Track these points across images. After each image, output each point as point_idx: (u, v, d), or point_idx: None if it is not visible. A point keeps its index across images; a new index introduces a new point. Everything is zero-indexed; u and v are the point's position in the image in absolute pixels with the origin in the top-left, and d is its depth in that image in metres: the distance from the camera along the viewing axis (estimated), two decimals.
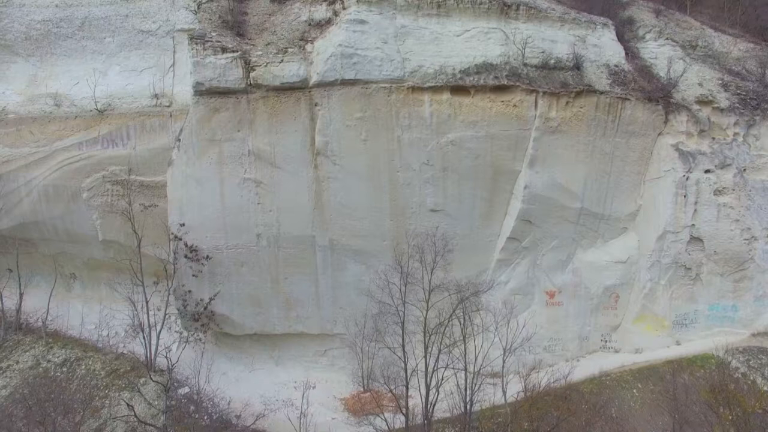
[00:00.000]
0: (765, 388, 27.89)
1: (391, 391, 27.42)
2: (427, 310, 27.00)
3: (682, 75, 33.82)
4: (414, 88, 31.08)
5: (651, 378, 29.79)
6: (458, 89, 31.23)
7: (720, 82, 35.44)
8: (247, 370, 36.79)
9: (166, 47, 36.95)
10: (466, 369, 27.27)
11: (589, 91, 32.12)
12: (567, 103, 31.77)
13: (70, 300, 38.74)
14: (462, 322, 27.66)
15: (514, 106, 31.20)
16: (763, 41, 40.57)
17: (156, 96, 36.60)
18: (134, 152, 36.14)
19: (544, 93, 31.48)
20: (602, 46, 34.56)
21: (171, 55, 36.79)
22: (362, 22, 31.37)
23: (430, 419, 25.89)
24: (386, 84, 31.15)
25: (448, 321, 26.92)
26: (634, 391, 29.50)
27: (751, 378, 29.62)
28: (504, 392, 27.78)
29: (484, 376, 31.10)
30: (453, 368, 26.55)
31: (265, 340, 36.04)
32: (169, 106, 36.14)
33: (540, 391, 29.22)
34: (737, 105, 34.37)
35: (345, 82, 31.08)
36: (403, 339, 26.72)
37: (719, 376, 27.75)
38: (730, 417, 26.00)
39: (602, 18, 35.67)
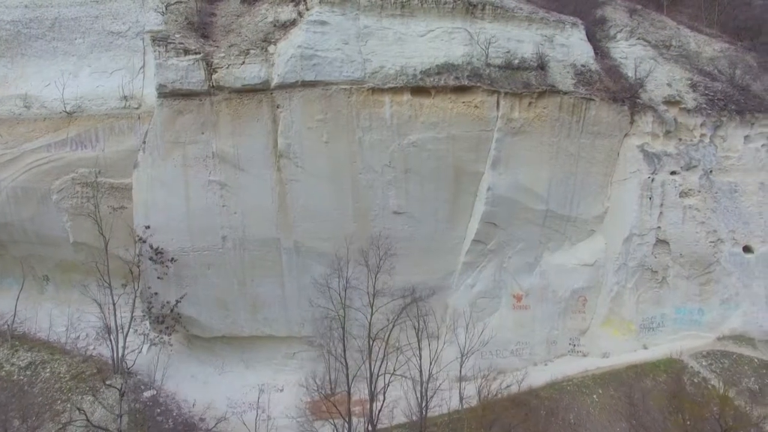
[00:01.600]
0: (723, 393, 27.34)
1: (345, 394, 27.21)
2: (371, 315, 26.72)
3: (648, 75, 33.35)
4: (374, 90, 30.82)
5: (612, 383, 29.44)
6: (419, 90, 30.92)
7: (689, 82, 34.99)
8: (217, 373, 36.60)
9: (136, 49, 36.85)
10: (421, 374, 26.86)
11: (553, 91, 31.72)
12: (530, 103, 31.39)
13: (43, 302, 38.71)
14: (417, 326, 27.20)
15: (476, 106, 30.85)
16: (739, 41, 39.96)
17: (125, 98, 36.50)
18: (103, 154, 36.06)
19: (506, 93, 31.12)
20: (570, 46, 34.16)
21: (141, 56, 36.70)
22: (323, 23, 31.15)
23: (375, 425, 25.53)
24: (346, 85, 30.88)
25: (393, 325, 26.50)
26: (594, 396, 29.12)
27: (711, 383, 29.18)
28: (461, 397, 27.40)
29: (451, 381, 30.88)
30: (401, 375, 26.11)
31: (234, 342, 35.85)
32: (137, 108, 36.03)
33: (502, 396, 28.83)
34: (704, 106, 33.90)
35: (305, 84, 30.85)
36: (344, 344, 26.50)
37: (677, 382, 27.30)
38: (688, 422, 25.59)
39: (572, 18, 35.27)
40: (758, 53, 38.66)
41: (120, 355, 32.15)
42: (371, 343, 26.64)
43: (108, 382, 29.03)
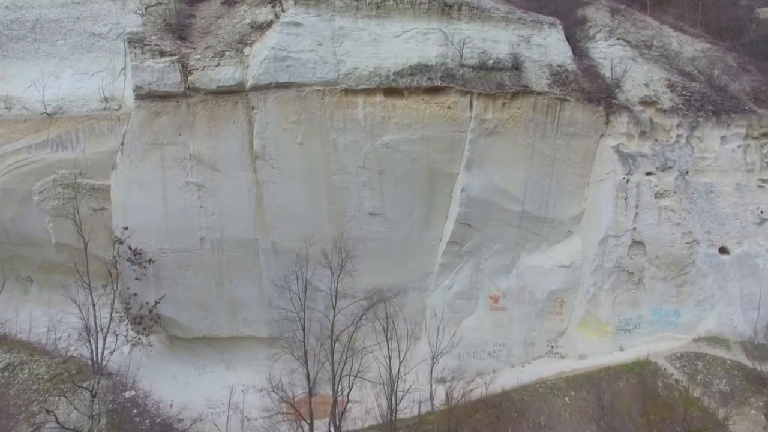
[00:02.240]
0: (687, 394, 27.25)
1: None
2: (333, 317, 26.76)
3: (623, 76, 33.20)
4: (347, 91, 30.85)
5: (584, 385, 29.31)
6: (392, 91, 30.93)
7: (667, 82, 34.82)
8: (197, 373, 36.67)
9: (117, 50, 36.95)
10: (391, 375, 26.87)
11: (526, 91, 31.68)
12: (503, 104, 31.35)
13: (25, 303, 38.84)
14: (386, 328, 27.23)
15: (449, 107, 30.83)
16: (721, 42, 39.75)
17: (106, 99, 36.62)
18: (83, 155, 36.21)
19: (479, 94, 31.08)
20: (548, 46, 34.11)
21: (122, 58, 36.79)
22: (297, 24, 31.20)
23: (338, 426, 25.57)
24: (320, 87, 30.92)
25: (355, 327, 26.52)
26: (566, 398, 29.01)
27: (683, 384, 29.05)
28: (431, 399, 27.39)
29: (430, 382, 30.85)
30: (364, 378, 26.16)
31: (216, 343, 35.94)
32: (118, 110, 36.14)
33: (474, 398, 28.80)
34: (681, 106, 33.75)
35: (279, 85, 30.90)
36: (305, 345, 26.55)
37: (649, 384, 27.22)
38: (658, 424, 25.52)
39: (550, 18, 35.21)
40: (739, 53, 38.37)
41: (99, 356, 32.07)
42: (333, 344, 26.58)
43: (80, 384, 28.97)
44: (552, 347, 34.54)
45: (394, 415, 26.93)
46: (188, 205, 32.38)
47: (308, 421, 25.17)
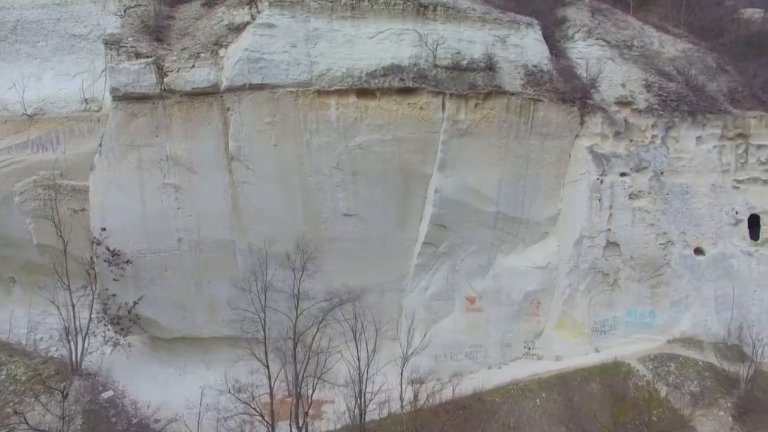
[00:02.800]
0: (665, 395, 27.19)
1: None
2: (296, 318, 26.86)
3: (598, 76, 33.08)
4: (320, 92, 30.88)
5: (557, 387, 29.23)
6: (364, 92, 30.91)
7: (644, 83, 34.67)
8: (178, 374, 36.76)
9: (98, 52, 36.99)
10: (360, 376, 26.93)
11: (499, 92, 31.58)
12: (476, 104, 31.29)
13: (8, 304, 38.98)
14: (354, 328, 27.29)
15: (421, 108, 30.79)
16: (703, 42, 39.60)
17: (86, 101, 36.75)
18: (64, 156, 36.39)
19: (452, 95, 31.02)
20: (524, 47, 34.02)
21: (103, 60, 36.69)
22: (271, 26, 31.26)
23: (300, 427, 25.65)
24: (293, 88, 30.97)
25: (317, 330, 26.62)
26: (537, 400, 28.96)
27: (654, 386, 28.97)
28: (401, 400, 27.41)
29: (406, 383, 30.87)
30: (318, 377, 26.30)
31: (196, 343, 36.05)
32: (98, 111, 36.26)
33: (446, 399, 28.80)
34: (657, 106, 33.57)
35: (253, 87, 30.95)
36: (266, 346, 26.64)
37: (620, 385, 27.18)
38: (628, 425, 25.48)
39: (527, 18, 35.10)
40: (719, 54, 38.20)
41: (78, 356, 32.22)
42: (295, 345, 26.70)
43: (51, 385, 29.07)
44: (529, 349, 34.46)
45: (362, 416, 26.88)
46: (166, 206, 32.48)
47: (269, 422, 25.13)
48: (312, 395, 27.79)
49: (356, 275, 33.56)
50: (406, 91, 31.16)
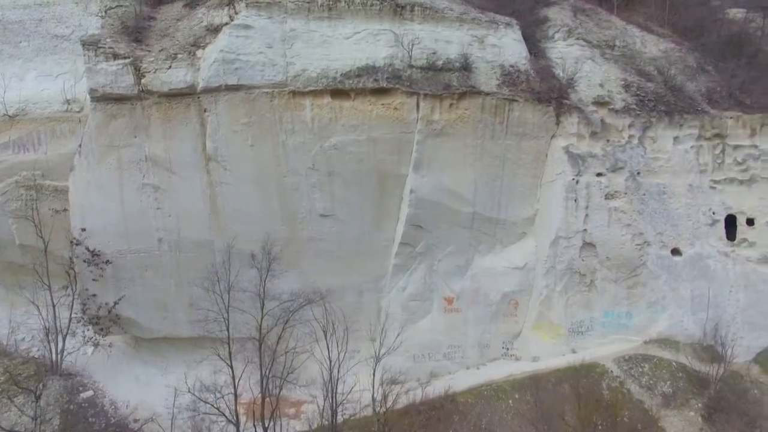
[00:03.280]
0: (638, 397, 27.14)
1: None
2: (261, 317, 26.96)
3: (574, 76, 32.95)
4: (295, 93, 30.90)
5: (531, 388, 29.19)
6: (339, 93, 30.90)
7: (623, 82, 34.55)
8: (159, 374, 36.81)
9: (80, 53, 36.76)
10: (331, 377, 26.97)
11: (474, 92, 31.51)
12: (451, 105, 31.24)
13: None
14: (325, 329, 27.35)
15: (395, 108, 30.78)
16: (686, 41, 39.46)
17: (68, 101, 36.86)
18: (45, 157, 36.47)
19: (426, 95, 30.96)
20: (502, 47, 33.95)
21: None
22: (247, 27, 31.29)
23: (266, 427, 25.74)
24: (269, 89, 31.00)
25: (282, 330, 26.72)
26: (510, 401, 28.94)
27: (627, 387, 28.91)
28: (373, 401, 27.44)
29: (384, 384, 30.88)
30: (284, 378, 26.37)
31: (178, 343, 36.12)
32: (79, 112, 36.36)
33: (417, 400, 28.83)
34: (634, 106, 33.45)
35: (229, 88, 31.00)
36: (229, 347, 26.73)
37: (594, 386, 27.14)
38: (599, 426, 25.47)
39: (506, 18, 35.02)
40: (700, 53, 38.05)
41: (58, 357, 32.33)
42: (261, 345, 26.79)
43: (22, 386, 29.14)
44: (507, 349, 34.41)
45: (334, 416, 26.95)
46: (145, 206, 32.58)
47: (235, 422, 25.23)
48: (279, 395, 27.79)
49: (334, 275, 33.62)
50: (380, 92, 31.12)
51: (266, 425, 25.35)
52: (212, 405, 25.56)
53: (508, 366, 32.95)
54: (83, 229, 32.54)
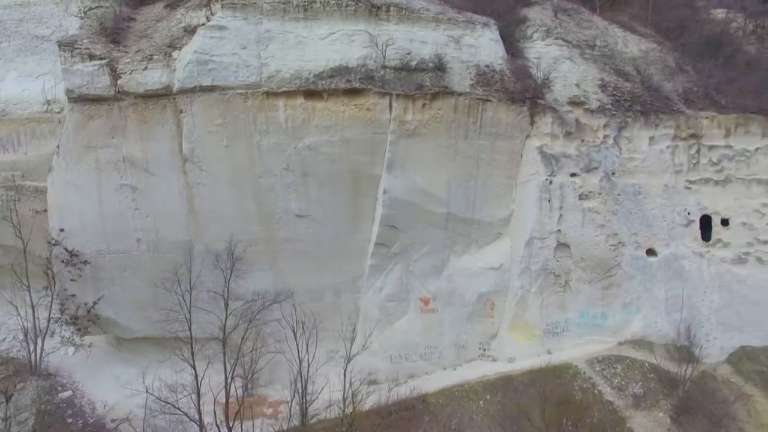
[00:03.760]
0: (608, 398, 27.12)
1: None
2: (225, 318, 27.07)
3: (550, 75, 32.90)
4: (269, 94, 30.93)
5: (502, 389, 29.19)
6: (312, 93, 30.94)
7: (600, 82, 34.45)
8: (140, 374, 36.84)
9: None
10: (301, 377, 27.02)
11: (447, 92, 31.49)
12: (423, 105, 31.23)
13: None
14: (294, 329, 27.41)
15: (368, 109, 30.79)
16: (668, 41, 39.36)
17: (48, 102, 37.01)
18: (26, 158, 36.65)
19: (398, 95, 30.95)
20: (479, 47, 33.92)
21: None
22: (221, 28, 31.36)
23: (230, 427, 25.82)
24: (242, 90, 31.06)
25: (245, 331, 26.85)
26: (481, 402, 28.93)
27: (598, 388, 28.88)
28: (344, 401, 27.48)
29: (362, 384, 30.97)
30: (241, 376, 26.43)
31: (160, 342, 36.17)
32: (59, 113, 36.50)
33: (389, 401, 28.87)
34: (609, 106, 33.35)
35: (204, 89, 31.09)
36: (192, 347, 26.85)
37: (565, 388, 27.15)
38: (569, 427, 25.48)
39: (484, 18, 35.00)
40: (680, 53, 37.94)
41: (37, 357, 32.44)
42: (224, 345, 26.91)
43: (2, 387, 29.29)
44: (484, 350, 34.34)
45: (304, 416, 27.03)
46: (123, 207, 32.68)
47: (198, 422, 25.35)
48: (259, 395, 27.90)
49: (311, 276, 33.71)
50: (352, 92, 31.14)
51: (230, 425, 25.28)
52: (173, 405, 25.45)
53: (484, 367, 32.89)
54: (61, 230, 32.64)
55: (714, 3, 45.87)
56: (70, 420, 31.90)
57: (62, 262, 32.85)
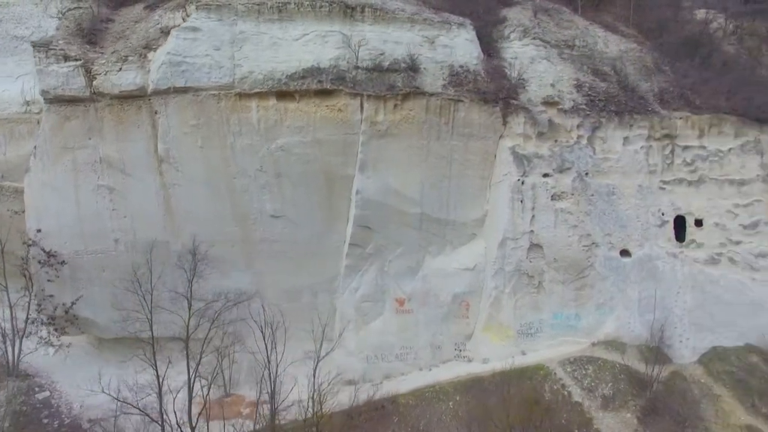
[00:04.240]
0: (577, 399, 27.10)
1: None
2: (189, 318, 27.19)
3: (523, 75, 32.87)
4: (242, 95, 31.00)
5: (473, 390, 29.15)
6: (284, 94, 30.99)
7: (576, 82, 34.36)
8: (120, 374, 36.97)
9: None
10: (270, 378, 27.10)
11: (418, 93, 31.47)
12: (395, 105, 31.24)
13: None
14: (263, 330, 27.48)
15: (339, 110, 30.82)
16: (649, 41, 39.29)
17: (27, 103, 37.18)
18: (4, 158, 36.87)
19: (369, 96, 30.95)
20: (454, 47, 33.91)
21: None
22: (195, 29, 31.43)
23: (193, 427, 25.93)
24: (215, 91, 31.14)
25: (208, 331, 26.92)
26: (450, 403, 28.92)
27: (568, 389, 28.87)
28: (314, 401, 27.53)
29: (340, 384, 31.04)
30: (213, 378, 26.58)
31: (142, 343, 36.20)
32: (38, 113, 36.65)
33: (364, 401, 28.95)
34: (583, 106, 33.24)
35: (178, 90, 31.17)
36: (153, 347, 26.99)
37: (536, 389, 27.16)
38: (537, 429, 25.48)
39: (459, 18, 34.98)
40: (660, 53, 37.84)
41: (15, 357, 32.56)
42: (187, 345, 27.02)
43: None
44: (460, 351, 34.30)
45: (273, 416, 27.12)
46: (100, 207, 32.79)
47: (159, 422, 25.48)
48: (237, 395, 28.00)
49: (288, 276, 33.82)
50: (324, 93, 31.17)
51: (194, 424, 25.44)
52: (133, 405, 25.58)
53: (459, 368, 32.86)
54: (39, 230, 32.77)
55: (699, 3, 45.65)
56: (45, 421, 31.97)
57: (39, 262, 32.95)
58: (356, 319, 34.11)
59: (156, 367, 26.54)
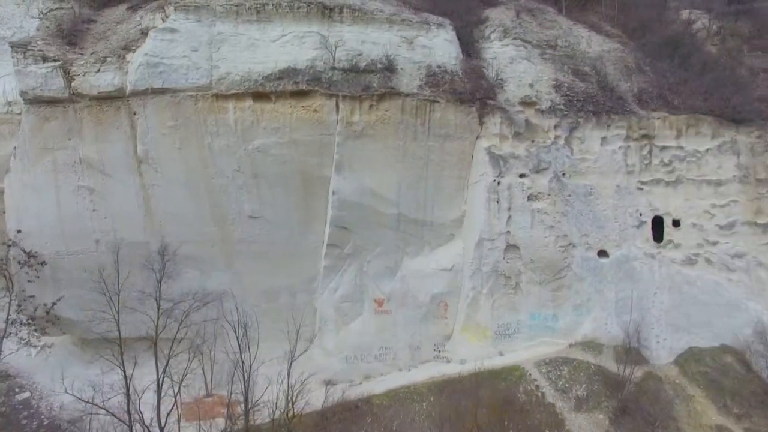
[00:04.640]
0: (550, 400, 27.06)
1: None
2: (158, 318, 27.21)
3: (500, 75, 32.78)
4: (218, 96, 31.03)
5: (447, 391, 29.13)
6: (260, 95, 31.01)
7: (555, 82, 34.28)
8: (102, 374, 36.96)
9: None
10: (245, 378, 27.13)
11: (393, 93, 31.49)
12: (371, 106, 31.23)
13: None
14: (236, 330, 27.50)
15: (315, 111, 30.83)
16: (632, 41, 39.20)
17: (9, 103, 37.19)
18: None
19: (345, 97, 30.98)
20: (433, 47, 33.90)
21: None
22: (173, 30, 31.47)
23: (162, 427, 25.96)
24: (193, 92, 31.19)
25: (177, 330, 27.02)
26: (424, 404, 28.89)
27: (542, 390, 28.81)
28: (290, 402, 27.56)
29: (318, 384, 31.05)
30: (182, 378, 26.59)
31: (125, 342, 36.23)
32: (20, 114, 36.60)
33: (338, 401, 28.95)
34: (561, 106, 33.16)
35: (155, 91, 31.22)
36: (121, 347, 26.99)
37: (510, 390, 27.13)
38: (510, 430, 25.48)
39: (439, 18, 34.96)
40: (641, 53, 37.75)
41: None
42: (156, 346, 27.05)
43: None
44: (439, 351, 34.26)
45: (247, 416, 27.13)
46: (81, 208, 32.81)
47: (128, 423, 25.55)
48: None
49: (267, 276, 33.84)
50: (300, 94, 31.21)
51: (162, 424, 25.47)
52: (98, 405, 25.65)
53: (437, 368, 32.82)
54: (19, 231, 32.73)
55: (685, 3, 45.53)
56: (24, 421, 32.02)
57: (19, 263, 32.96)
58: (336, 319, 34.11)
59: (123, 367, 26.43)
